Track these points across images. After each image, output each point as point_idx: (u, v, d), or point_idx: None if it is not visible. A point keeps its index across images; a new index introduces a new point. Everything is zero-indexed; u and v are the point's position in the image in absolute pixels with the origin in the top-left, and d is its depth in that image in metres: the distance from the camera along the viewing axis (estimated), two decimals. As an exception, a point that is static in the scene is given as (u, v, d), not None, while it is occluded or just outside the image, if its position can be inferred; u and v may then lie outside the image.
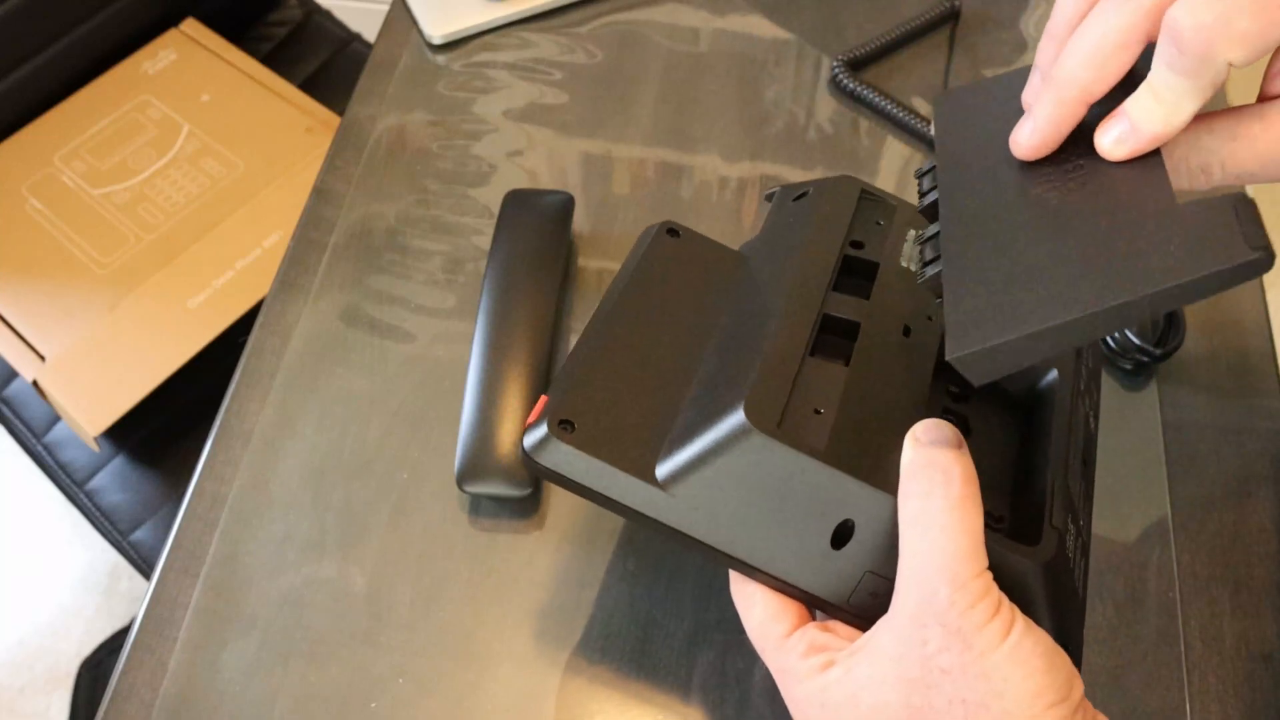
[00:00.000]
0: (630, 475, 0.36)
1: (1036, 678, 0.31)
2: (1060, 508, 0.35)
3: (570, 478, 0.37)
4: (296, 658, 0.46)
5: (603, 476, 0.36)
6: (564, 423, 0.37)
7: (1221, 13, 0.29)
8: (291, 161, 0.91)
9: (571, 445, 0.36)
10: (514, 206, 0.57)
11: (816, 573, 0.35)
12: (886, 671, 0.33)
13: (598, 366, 0.39)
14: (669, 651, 0.46)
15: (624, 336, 0.40)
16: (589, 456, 0.36)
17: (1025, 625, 0.32)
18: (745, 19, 0.72)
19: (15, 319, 0.83)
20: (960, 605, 0.31)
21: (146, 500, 0.83)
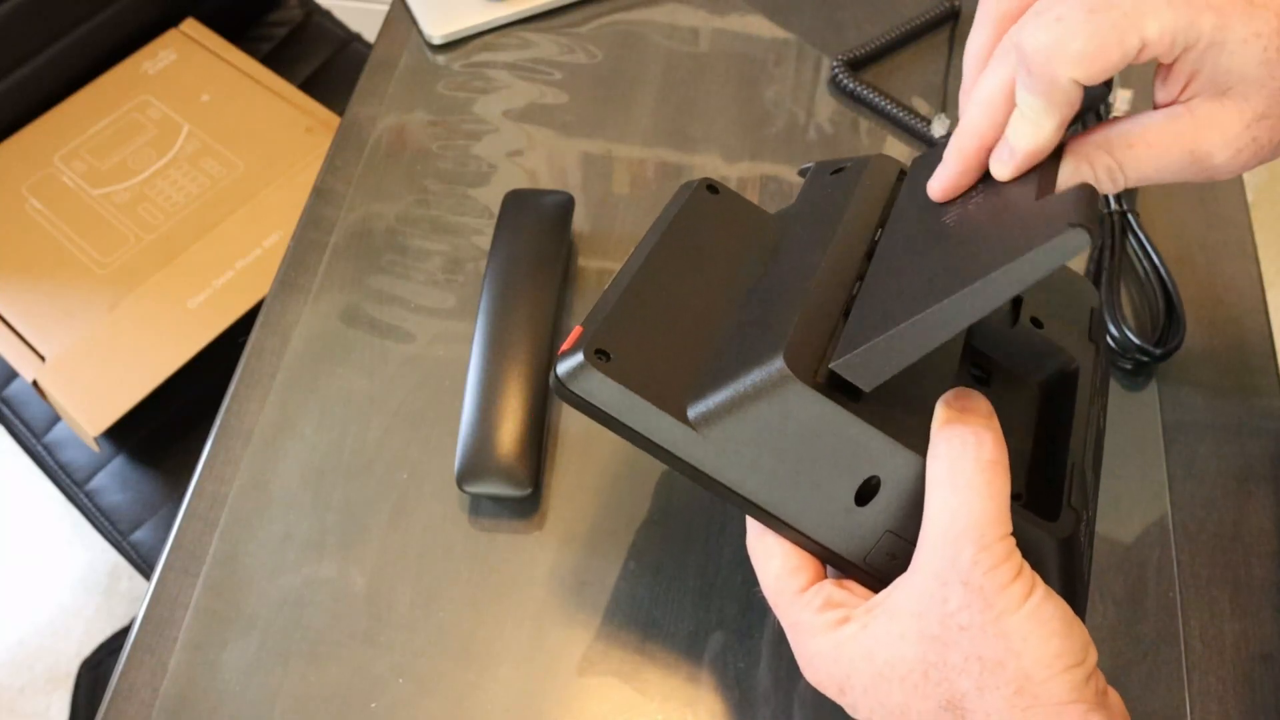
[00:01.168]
0: (663, 411, 0.36)
1: (1055, 640, 0.32)
2: (1078, 491, 0.35)
3: (602, 408, 0.36)
4: (296, 658, 0.46)
5: (635, 410, 0.36)
6: (600, 352, 0.36)
7: (1058, 36, 0.31)
8: (291, 161, 0.91)
9: (607, 375, 0.36)
10: (514, 206, 0.57)
11: (837, 528, 0.36)
12: (905, 628, 0.33)
13: (633, 304, 0.39)
14: (669, 652, 0.46)
15: (659, 279, 0.40)
16: (623, 388, 0.36)
17: (1046, 591, 0.32)
18: (745, 19, 0.72)
19: (15, 319, 0.83)
20: (985, 565, 0.32)
21: (146, 500, 0.83)
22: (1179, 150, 0.34)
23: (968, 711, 0.32)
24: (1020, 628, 0.32)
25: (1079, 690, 0.32)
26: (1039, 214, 0.32)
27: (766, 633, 0.46)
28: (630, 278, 0.40)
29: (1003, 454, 0.33)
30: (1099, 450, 0.41)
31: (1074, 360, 0.40)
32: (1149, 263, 0.56)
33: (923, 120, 0.64)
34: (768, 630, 0.46)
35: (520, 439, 0.49)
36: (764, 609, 0.47)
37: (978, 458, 0.33)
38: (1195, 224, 0.60)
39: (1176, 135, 0.34)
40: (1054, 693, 0.31)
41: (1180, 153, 0.34)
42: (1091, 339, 0.41)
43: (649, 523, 0.50)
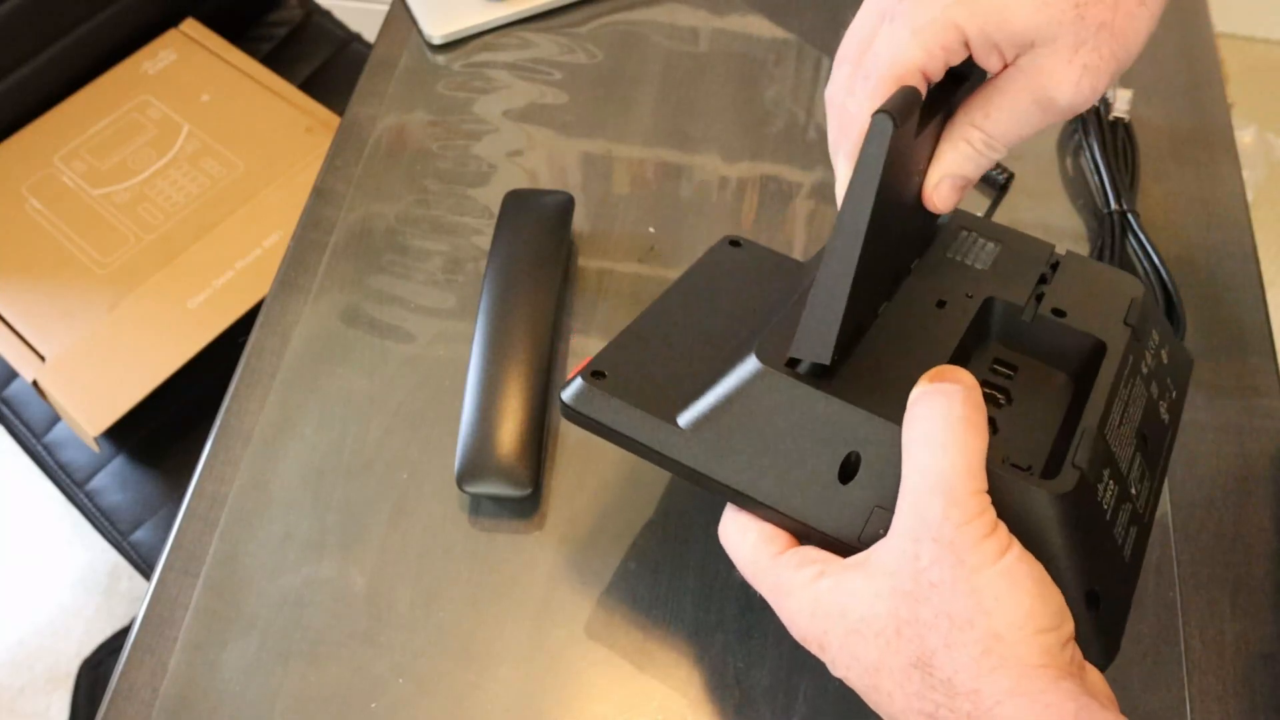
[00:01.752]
0: (655, 418, 0.39)
1: (1028, 600, 0.31)
2: (1091, 454, 0.35)
3: (603, 423, 0.40)
4: (296, 658, 0.46)
5: (631, 421, 0.40)
6: (597, 374, 0.41)
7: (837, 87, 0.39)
8: (291, 161, 0.91)
9: (604, 391, 0.40)
10: (514, 206, 0.57)
11: (827, 509, 0.36)
12: (879, 585, 0.33)
13: (635, 338, 0.43)
14: (669, 652, 0.46)
15: (665, 319, 0.44)
16: (618, 401, 0.40)
17: (1021, 552, 0.32)
18: (745, 19, 0.72)
19: (15, 319, 0.83)
20: (955, 519, 0.32)
21: (146, 500, 0.83)
22: (1027, 103, 0.36)
23: (935, 668, 0.32)
24: (991, 585, 0.31)
25: (1051, 655, 0.31)
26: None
27: (766, 633, 0.46)
28: (637, 323, 0.44)
29: (977, 413, 0.33)
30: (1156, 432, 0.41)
31: (1100, 341, 0.40)
32: (1149, 263, 0.56)
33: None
34: (768, 630, 0.46)
35: (520, 439, 0.49)
36: (764, 609, 0.47)
37: (948, 414, 0.33)
38: (1195, 224, 0.60)
39: (1018, 93, 0.36)
40: (1023, 655, 0.31)
41: (1029, 105, 0.36)
42: (1127, 322, 0.41)
43: (649, 523, 0.50)
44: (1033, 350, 0.42)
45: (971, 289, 0.42)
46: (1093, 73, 0.35)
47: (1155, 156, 0.64)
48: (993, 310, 0.42)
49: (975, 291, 0.42)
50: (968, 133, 0.38)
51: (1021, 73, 0.36)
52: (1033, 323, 0.41)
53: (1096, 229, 0.59)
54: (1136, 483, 0.38)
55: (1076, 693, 0.30)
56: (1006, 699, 0.30)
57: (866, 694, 0.35)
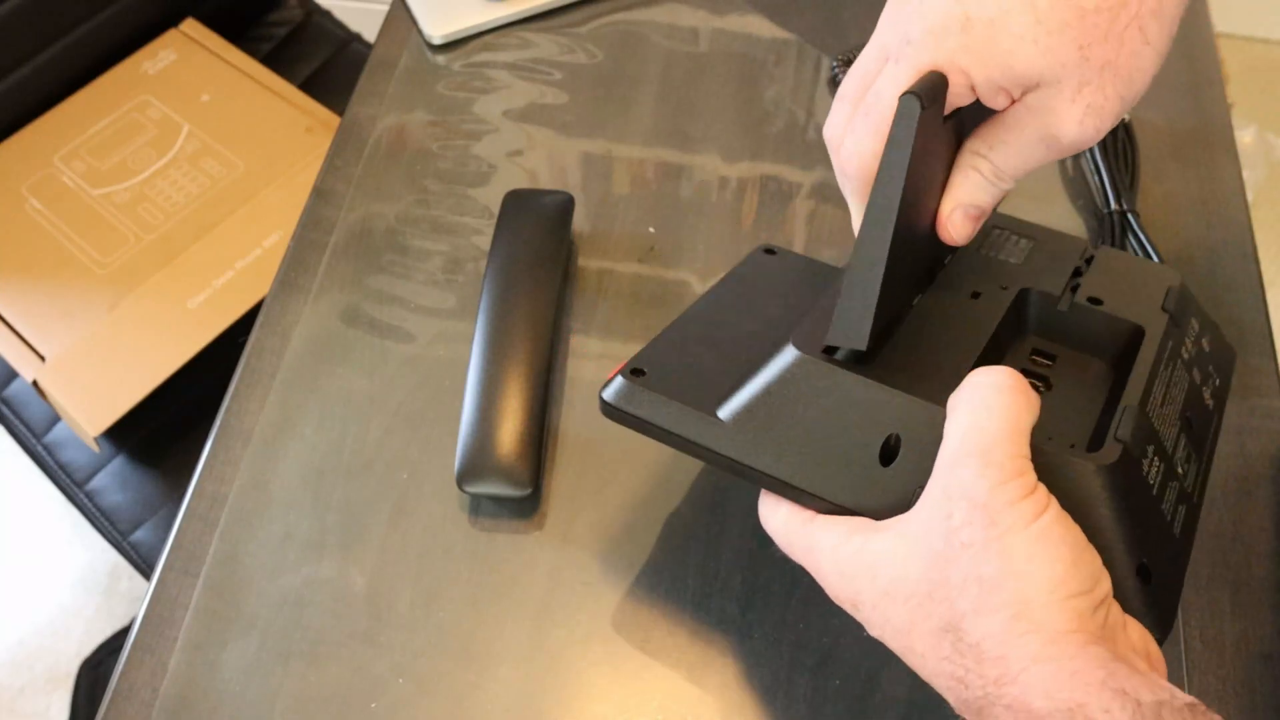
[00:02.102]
0: (696, 411, 0.40)
1: (1060, 565, 0.30)
2: (1133, 429, 0.35)
3: (644, 419, 0.41)
4: (296, 658, 0.46)
5: (672, 415, 0.40)
6: (636, 371, 0.42)
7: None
8: (291, 161, 0.91)
9: (642, 387, 0.41)
10: (514, 206, 0.57)
11: (869, 493, 0.36)
12: (910, 547, 0.33)
13: (673, 340, 0.44)
14: (669, 652, 0.46)
15: (703, 323, 0.45)
16: (659, 396, 0.41)
17: (1058, 514, 0.31)
18: (745, 19, 0.72)
19: (15, 319, 0.83)
20: (990, 479, 0.31)
21: (146, 500, 0.83)
22: (1032, 140, 0.37)
23: (964, 634, 0.31)
24: (1024, 548, 0.30)
25: (1081, 620, 0.30)
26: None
27: (766, 633, 0.46)
28: (672, 326, 0.45)
29: (1026, 392, 0.33)
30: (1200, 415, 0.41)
31: (1138, 327, 0.40)
32: (1149, 263, 0.56)
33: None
34: (767, 630, 0.46)
35: (520, 439, 0.49)
36: (764, 609, 0.47)
37: (993, 383, 0.33)
38: (1195, 224, 0.60)
39: (1023, 129, 0.37)
40: (1052, 620, 0.30)
41: (1034, 141, 0.37)
42: (1165, 309, 0.41)
43: (649, 523, 0.50)
44: (1070, 339, 0.42)
45: (1006, 281, 0.42)
46: (1096, 112, 0.35)
47: (1155, 156, 0.64)
48: (1028, 301, 0.42)
49: (1010, 283, 0.42)
50: (976, 162, 0.38)
51: (1027, 110, 0.36)
52: (1069, 311, 0.41)
53: (1096, 229, 0.59)
54: (1183, 463, 0.38)
55: (1105, 659, 0.29)
56: (1032, 665, 0.30)
57: (901, 654, 0.34)
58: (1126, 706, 0.28)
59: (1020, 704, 0.29)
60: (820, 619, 0.47)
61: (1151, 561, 0.35)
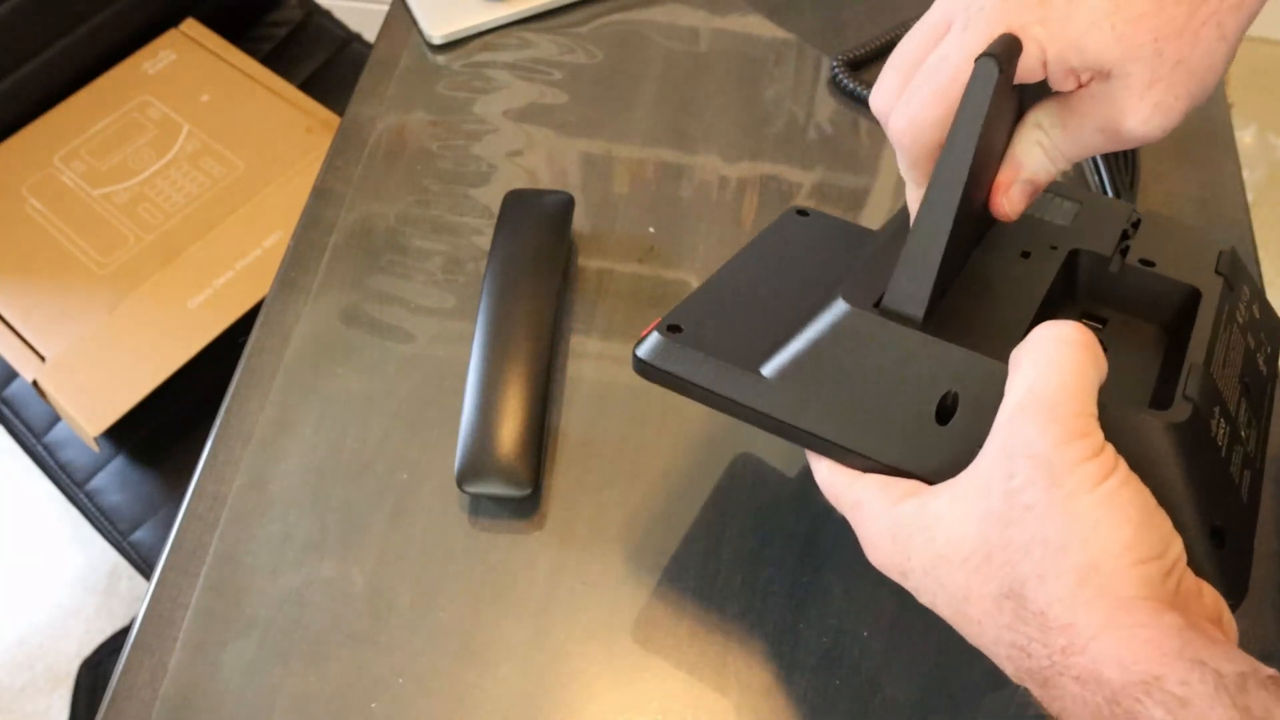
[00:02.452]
0: (735, 368, 0.38)
1: (1129, 529, 0.29)
2: (1200, 389, 0.34)
3: (683, 376, 0.39)
4: (296, 658, 0.46)
5: (712, 372, 0.38)
6: (672, 328, 0.40)
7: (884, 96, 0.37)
8: (291, 161, 0.91)
9: (679, 344, 0.39)
10: (514, 206, 0.57)
11: (923, 453, 0.35)
12: (968, 507, 0.31)
13: (708, 298, 0.42)
14: (669, 652, 0.46)
15: (737, 281, 0.43)
16: (699, 353, 0.39)
17: (1127, 476, 0.30)
18: (745, 19, 0.72)
19: (15, 319, 0.83)
20: (1055, 436, 0.29)
21: (146, 500, 0.83)
22: (1093, 128, 0.36)
23: (1028, 600, 0.29)
24: (1091, 511, 0.29)
25: (1152, 586, 0.28)
26: None
27: (766, 633, 0.46)
28: (706, 285, 0.43)
29: (1092, 340, 0.31)
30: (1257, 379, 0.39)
31: (1193, 287, 0.39)
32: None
33: (923, 120, 0.64)
34: (767, 631, 0.46)
35: (520, 439, 0.49)
36: (764, 609, 0.47)
37: (1061, 337, 0.31)
38: (1195, 224, 0.60)
39: (1085, 115, 0.36)
40: (1122, 586, 0.28)
41: (1095, 129, 0.36)
42: (1219, 272, 0.40)
43: (649, 523, 0.50)
44: (1121, 302, 0.41)
45: (1055, 241, 0.41)
46: (1164, 110, 0.34)
47: (1155, 156, 0.64)
48: (1079, 263, 0.41)
49: (1059, 243, 0.41)
50: (1039, 137, 0.37)
51: (1093, 98, 0.35)
52: (1121, 273, 0.40)
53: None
54: (1245, 428, 0.37)
55: (1181, 627, 0.28)
56: (1102, 633, 0.28)
57: (955, 622, 0.33)
58: (1207, 679, 0.26)
59: (1090, 674, 0.28)
60: (820, 619, 0.47)
61: (1225, 524, 0.33)
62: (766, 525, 0.49)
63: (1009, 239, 0.41)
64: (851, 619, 0.47)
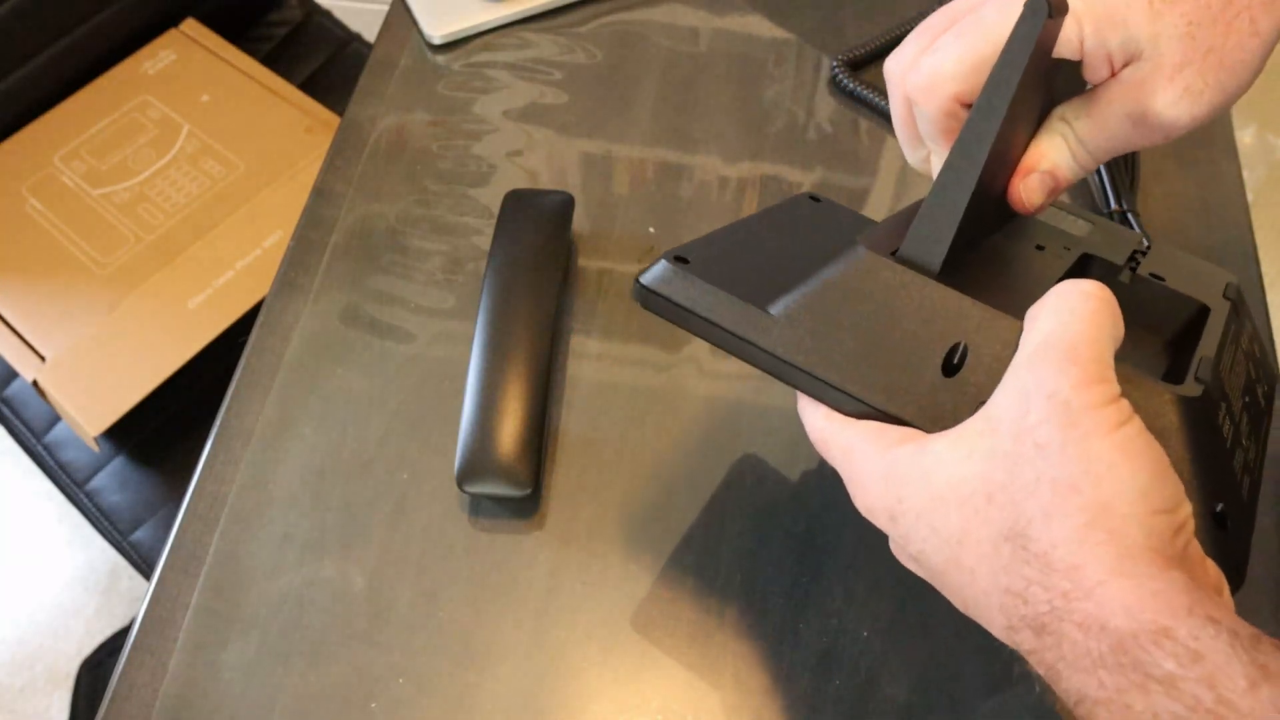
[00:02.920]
0: (746, 303, 0.37)
1: (1145, 476, 0.27)
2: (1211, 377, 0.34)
3: (688, 306, 0.38)
4: (296, 658, 0.46)
5: (716, 303, 0.37)
6: (679, 259, 0.39)
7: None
8: (291, 161, 0.91)
9: (687, 273, 0.38)
10: (514, 206, 0.57)
11: (926, 403, 0.34)
12: (972, 446, 0.30)
13: (716, 241, 0.41)
14: (669, 652, 0.46)
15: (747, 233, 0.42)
16: (705, 283, 0.37)
17: (1142, 427, 0.28)
18: (745, 19, 0.72)
19: (15, 319, 0.83)
20: (1073, 377, 0.28)
21: (146, 500, 0.83)
22: (1121, 115, 0.35)
23: (1031, 541, 0.28)
24: (1106, 453, 0.27)
25: (1162, 539, 0.27)
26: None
27: (766, 634, 0.46)
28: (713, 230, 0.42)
29: (1112, 299, 0.31)
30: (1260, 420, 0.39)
31: (1203, 305, 0.39)
32: (1149, 263, 0.56)
33: (923, 120, 0.64)
34: (767, 631, 0.46)
35: (520, 439, 0.49)
36: (764, 609, 0.47)
37: (1082, 290, 0.30)
38: (1195, 224, 0.60)
39: (1114, 102, 0.35)
40: (1133, 533, 0.27)
41: (1123, 117, 0.35)
42: (1227, 296, 0.40)
43: (649, 522, 0.50)
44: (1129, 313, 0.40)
45: (1070, 244, 0.41)
46: (1193, 97, 0.34)
47: (1155, 156, 0.64)
48: (1090, 268, 0.41)
49: (1073, 246, 0.41)
50: (1064, 129, 0.37)
51: (1121, 85, 0.35)
52: (1131, 284, 0.40)
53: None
54: (1245, 438, 0.37)
55: (1189, 584, 0.26)
56: (1110, 578, 0.26)
57: (944, 571, 0.31)
58: (1220, 634, 0.25)
59: (1095, 620, 0.26)
60: (820, 619, 0.47)
61: (1227, 509, 0.33)
62: (766, 525, 0.49)
63: (1025, 232, 0.41)
64: (851, 619, 0.47)
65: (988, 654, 0.46)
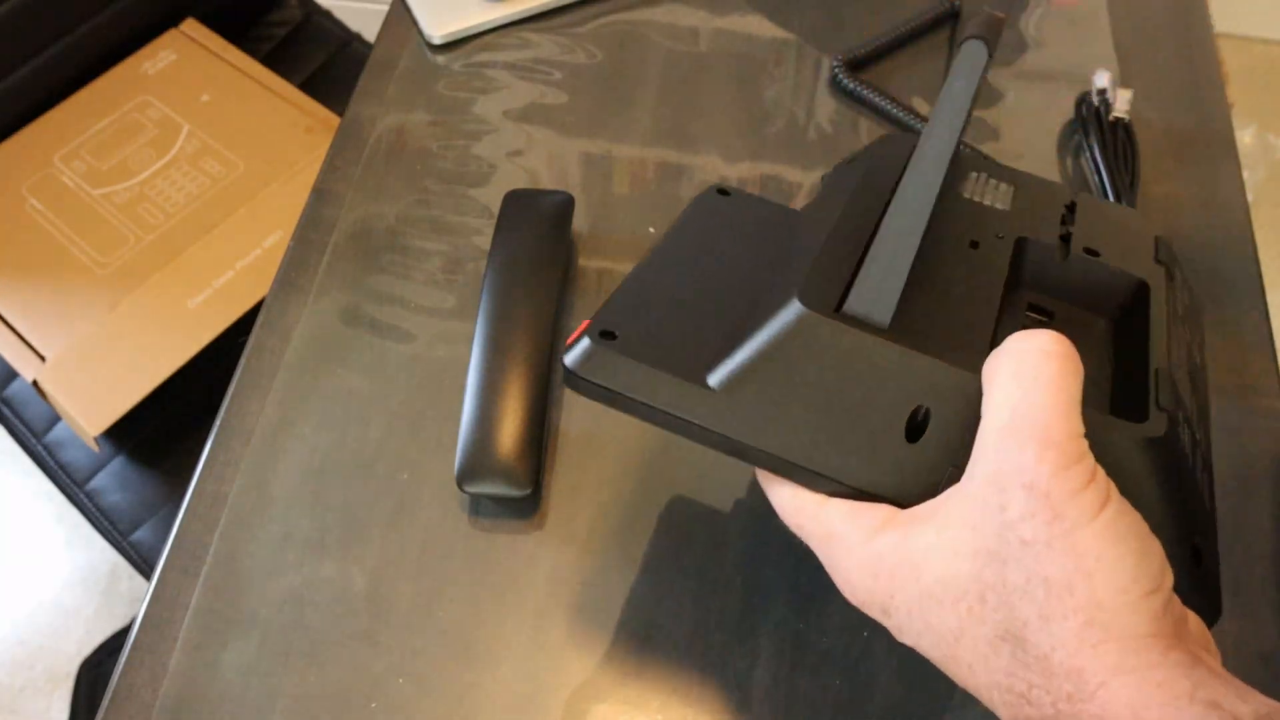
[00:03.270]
0: (681, 380, 0.34)
1: (1131, 560, 0.27)
2: (1168, 394, 0.32)
3: (619, 390, 0.35)
4: (296, 658, 0.46)
5: (652, 384, 0.34)
6: (605, 334, 0.35)
7: None
8: (291, 161, 0.91)
9: (618, 353, 0.35)
10: (514, 206, 0.57)
11: (895, 474, 0.32)
12: (958, 542, 0.29)
13: (638, 292, 0.38)
14: (669, 652, 0.46)
15: (666, 274, 0.39)
16: (635, 363, 0.34)
17: (1121, 503, 0.28)
18: (745, 19, 0.72)
19: (15, 319, 0.83)
20: (1051, 463, 0.27)
21: (146, 500, 0.83)
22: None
23: (1029, 645, 0.27)
24: (1093, 545, 0.27)
25: (1157, 621, 0.27)
26: None
27: (766, 634, 0.46)
28: (633, 277, 0.39)
29: (1073, 353, 0.29)
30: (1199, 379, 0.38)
31: (1142, 279, 0.38)
32: (1149, 263, 0.56)
33: (922, 120, 0.64)
34: (767, 632, 0.46)
35: (520, 439, 0.49)
36: (764, 609, 0.47)
37: (1041, 349, 0.29)
38: (1195, 224, 0.60)
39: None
40: (1129, 624, 0.27)
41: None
42: (1159, 260, 0.39)
43: (649, 523, 0.50)
44: (1068, 293, 0.39)
45: (1000, 229, 0.39)
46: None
47: (1155, 156, 0.64)
48: (1025, 252, 0.39)
49: (1004, 231, 0.39)
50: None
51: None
52: (1067, 263, 0.39)
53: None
54: (1197, 423, 0.36)
55: (1189, 665, 0.26)
56: (1112, 679, 0.26)
57: (943, 664, 0.31)
58: None
59: None
60: (820, 619, 0.47)
61: (1201, 540, 0.32)
62: (767, 525, 0.49)
63: (953, 226, 0.39)
64: (851, 619, 0.47)
65: (988, 654, 0.46)
